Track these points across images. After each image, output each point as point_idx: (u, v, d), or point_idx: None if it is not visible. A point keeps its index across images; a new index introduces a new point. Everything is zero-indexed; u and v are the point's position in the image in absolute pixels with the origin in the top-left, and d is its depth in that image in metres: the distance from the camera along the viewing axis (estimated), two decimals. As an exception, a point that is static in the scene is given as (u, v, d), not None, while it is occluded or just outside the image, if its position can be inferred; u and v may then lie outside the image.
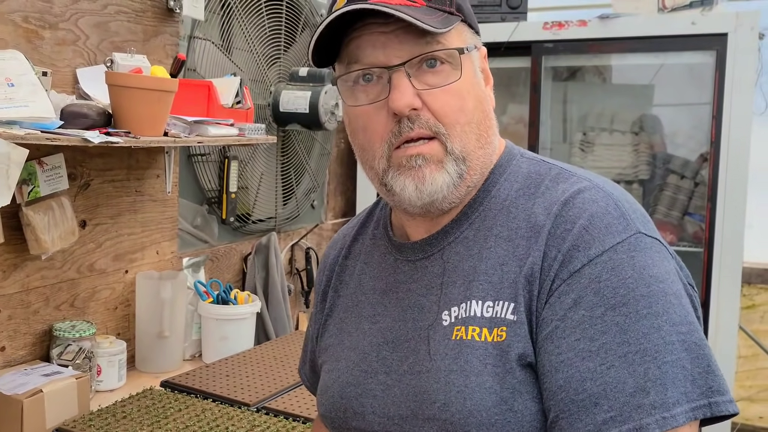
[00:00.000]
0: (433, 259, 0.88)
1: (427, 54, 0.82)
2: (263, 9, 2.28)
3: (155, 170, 1.91)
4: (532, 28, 2.58)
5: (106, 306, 1.81)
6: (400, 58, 0.81)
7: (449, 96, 0.83)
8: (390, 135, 0.83)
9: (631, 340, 0.72)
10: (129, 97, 1.48)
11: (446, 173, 0.83)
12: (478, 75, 0.88)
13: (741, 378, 3.23)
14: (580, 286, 0.75)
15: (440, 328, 0.84)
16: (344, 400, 0.91)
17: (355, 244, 1.02)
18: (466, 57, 0.84)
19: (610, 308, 0.74)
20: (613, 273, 0.75)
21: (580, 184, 0.83)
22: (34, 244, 1.54)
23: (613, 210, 0.79)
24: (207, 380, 1.69)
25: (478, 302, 0.81)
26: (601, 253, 0.76)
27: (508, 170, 0.89)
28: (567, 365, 0.74)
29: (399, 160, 0.84)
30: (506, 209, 0.85)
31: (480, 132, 0.86)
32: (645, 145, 2.82)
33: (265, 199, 2.40)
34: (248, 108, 1.93)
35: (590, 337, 0.74)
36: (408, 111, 0.81)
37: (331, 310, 1.00)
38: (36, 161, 1.52)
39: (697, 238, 2.62)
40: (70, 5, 1.63)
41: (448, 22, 0.82)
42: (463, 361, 0.80)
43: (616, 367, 0.72)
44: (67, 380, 1.46)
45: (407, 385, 0.84)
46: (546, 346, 0.76)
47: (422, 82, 0.82)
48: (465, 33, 0.87)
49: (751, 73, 2.30)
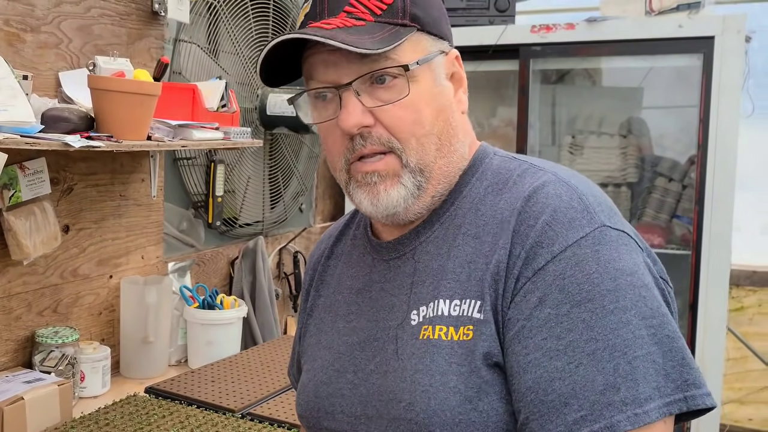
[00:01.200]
0: (404, 259, 0.89)
1: (373, 72, 0.81)
2: (250, 12, 2.27)
3: (140, 174, 1.90)
4: (520, 31, 2.58)
5: (90, 311, 1.79)
6: (348, 76, 0.82)
7: (403, 110, 0.83)
8: (345, 151, 0.84)
9: (598, 337, 0.71)
10: (111, 100, 1.47)
11: (402, 186, 0.83)
12: (441, 83, 0.87)
13: (730, 380, 3.24)
14: (545, 284, 0.74)
15: (408, 327, 0.84)
16: (318, 399, 0.91)
17: (337, 245, 1.03)
18: (421, 69, 0.83)
19: (575, 305, 0.73)
20: (577, 268, 0.74)
21: (545, 177, 0.82)
22: (16, 250, 1.52)
23: (577, 204, 0.78)
24: (192, 386, 1.67)
25: (446, 301, 0.81)
26: (565, 248, 0.75)
27: (480, 169, 0.89)
28: (535, 365, 0.73)
29: (356, 175, 0.85)
30: (475, 207, 0.85)
31: (441, 142, 0.85)
32: (633, 148, 2.82)
33: (252, 203, 2.39)
34: (234, 111, 1.92)
35: (557, 336, 0.73)
36: (356, 130, 0.82)
37: (312, 310, 1.01)
38: (17, 165, 1.50)
39: (685, 240, 2.62)
40: (53, 8, 1.61)
41: (396, 36, 0.81)
42: (429, 360, 0.79)
43: (585, 365, 0.71)
44: (49, 387, 1.44)
45: (373, 384, 0.85)
46: (513, 346, 0.75)
47: (374, 98, 0.82)
48: (423, 42, 0.85)
49: (737, 76, 2.31)
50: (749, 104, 2.78)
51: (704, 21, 2.36)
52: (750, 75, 2.61)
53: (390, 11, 0.83)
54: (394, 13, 0.83)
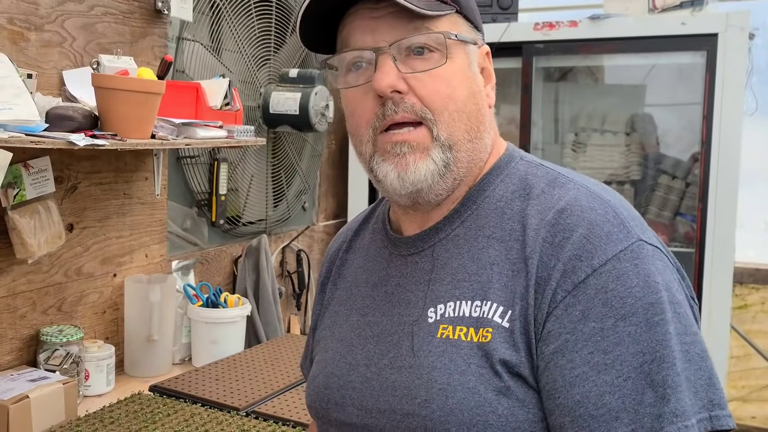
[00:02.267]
0: (423, 255, 0.88)
1: (412, 36, 0.81)
2: (252, 10, 2.27)
3: (144, 173, 1.90)
4: (523, 29, 2.58)
5: (94, 310, 1.79)
6: (387, 41, 0.82)
7: (438, 82, 0.82)
8: (374, 118, 0.83)
9: (645, 350, 0.72)
10: (115, 99, 1.47)
11: (431, 161, 0.82)
12: (474, 69, 0.87)
13: (733, 378, 3.23)
14: (587, 297, 0.74)
15: (425, 324, 0.83)
16: (327, 390, 0.91)
17: (356, 239, 1.03)
18: (457, 46, 0.84)
19: (620, 318, 0.73)
20: (618, 282, 0.74)
21: (576, 191, 0.81)
22: (20, 248, 1.52)
23: (612, 218, 0.78)
24: (196, 384, 1.67)
25: (467, 302, 0.81)
26: (605, 262, 0.74)
27: (505, 171, 0.88)
28: (582, 379, 0.73)
29: (384, 146, 0.83)
30: (500, 210, 0.84)
31: (470, 124, 0.85)
32: (636, 146, 2.82)
33: (255, 201, 2.39)
34: (237, 110, 1.92)
35: (604, 350, 0.72)
36: (390, 92, 0.81)
37: (328, 303, 1.01)
38: (22, 164, 1.50)
39: (689, 238, 2.62)
40: (56, 7, 1.61)
41: (439, 8, 0.82)
42: (447, 359, 0.79)
43: (633, 378, 0.71)
44: (54, 386, 1.45)
45: (386, 379, 0.84)
46: (557, 360, 0.74)
47: (409, 66, 0.82)
48: (460, 25, 0.86)
49: (741, 73, 2.30)
50: (753, 101, 2.77)
51: (707, 18, 2.35)
52: (753, 72, 2.61)
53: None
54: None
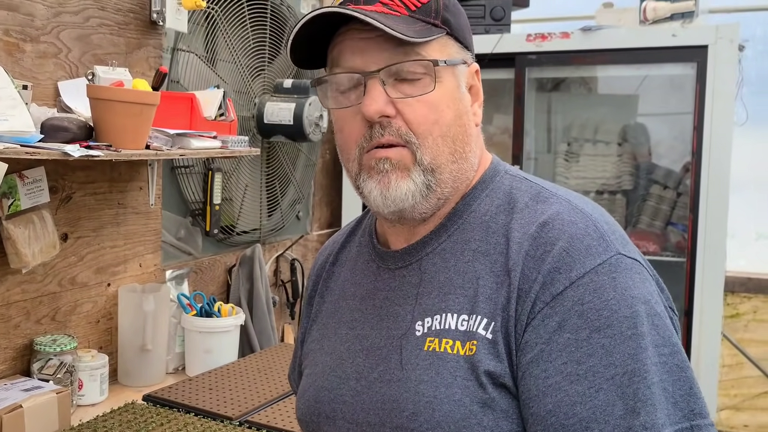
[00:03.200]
0: (411, 269, 0.89)
1: (402, 63, 0.82)
2: (247, 21, 2.28)
3: (138, 182, 1.90)
4: (515, 40, 2.60)
5: (88, 319, 1.79)
6: (376, 64, 0.83)
7: (425, 107, 0.83)
8: (362, 139, 0.85)
9: (617, 362, 0.73)
10: (110, 110, 1.48)
11: (411, 182, 0.84)
12: (462, 90, 0.88)
13: (726, 387, 3.25)
14: (564, 309, 0.75)
15: (413, 338, 0.84)
16: (318, 404, 0.92)
17: (342, 252, 1.04)
18: (445, 70, 0.85)
19: (594, 330, 0.74)
20: (595, 295, 0.75)
21: (559, 205, 0.83)
22: (15, 258, 1.53)
23: (593, 231, 0.79)
24: (190, 394, 1.68)
25: (454, 315, 0.82)
26: (583, 275, 0.76)
27: (490, 186, 0.90)
28: (555, 389, 0.74)
29: (368, 162, 0.85)
30: (485, 224, 0.86)
31: (455, 146, 0.86)
32: (628, 156, 2.84)
33: (249, 211, 2.40)
34: (231, 120, 1.93)
35: (577, 360, 0.74)
36: (378, 117, 0.82)
37: (316, 316, 1.02)
38: (17, 174, 1.51)
39: (680, 247, 2.63)
40: (52, 18, 1.62)
41: (428, 33, 0.83)
42: (434, 372, 0.80)
43: (605, 389, 0.72)
44: (48, 395, 1.45)
45: (376, 392, 0.85)
46: (532, 369, 0.76)
47: (398, 91, 0.83)
48: (450, 47, 0.87)
49: (731, 84, 2.33)
50: (743, 112, 2.80)
51: (698, 30, 2.38)
52: (744, 83, 2.63)
53: (424, 9, 0.84)
54: (428, 13, 0.84)
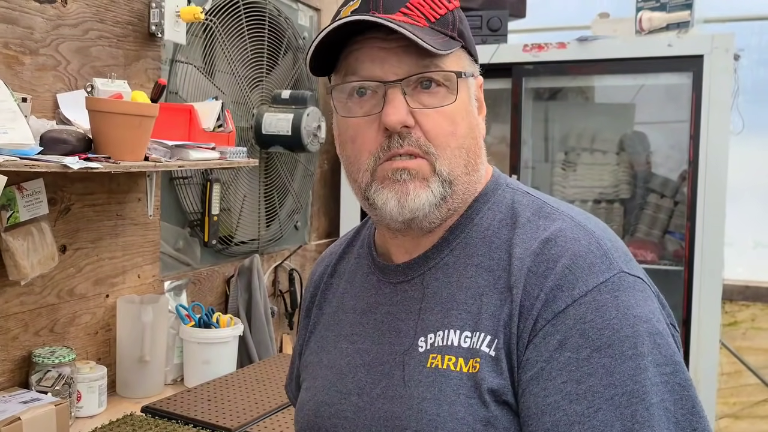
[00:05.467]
0: (413, 283, 0.89)
1: (424, 73, 0.82)
2: (245, 32, 2.29)
3: (137, 194, 1.91)
4: (512, 51, 2.62)
5: (86, 331, 1.79)
6: (397, 74, 0.82)
7: (443, 118, 0.83)
8: (379, 149, 0.83)
9: (617, 382, 0.72)
10: (109, 122, 1.48)
11: (430, 192, 0.83)
12: (473, 103, 0.89)
13: (725, 395, 3.24)
14: (565, 327, 0.75)
15: (416, 354, 0.84)
16: (318, 419, 0.91)
17: (340, 263, 1.03)
18: (462, 82, 0.85)
19: (595, 350, 0.74)
20: (597, 314, 0.75)
21: (562, 221, 0.83)
22: (14, 270, 1.53)
23: (596, 249, 0.79)
24: (188, 405, 1.68)
25: (456, 332, 0.81)
26: (586, 293, 0.76)
27: (492, 199, 0.89)
28: (554, 408, 0.74)
29: (384, 173, 0.83)
30: (488, 239, 0.85)
31: (469, 158, 0.86)
32: (625, 165, 2.85)
33: (247, 221, 2.40)
34: (230, 131, 1.94)
35: (577, 380, 0.73)
36: (400, 127, 0.82)
37: (314, 328, 1.01)
38: (15, 187, 1.52)
39: (678, 256, 2.64)
40: (51, 31, 1.63)
41: (449, 45, 0.83)
42: (437, 389, 0.80)
43: (604, 410, 0.72)
44: (46, 407, 1.44)
45: (379, 409, 0.85)
46: (531, 387, 0.76)
47: (417, 101, 0.83)
48: (464, 60, 0.88)
49: (726, 93, 2.34)
50: (739, 121, 2.81)
51: (693, 40, 2.40)
52: (740, 92, 2.65)
53: (442, 21, 0.85)
54: (446, 25, 0.85)
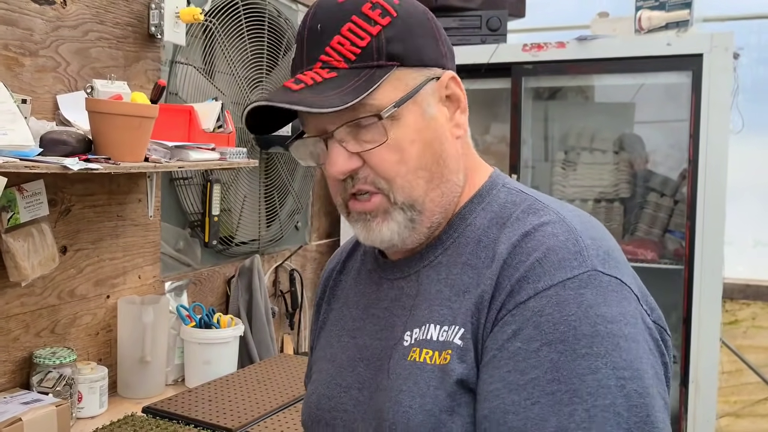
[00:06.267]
0: (409, 280, 0.90)
1: (350, 121, 0.82)
2: (245, 33, 2.30)
3: (137, 195, 1.91)
4: (511, 50, 2.62)
5: (87, 332, 1.80)
6: (333, 124, 0.83)
7: (386, 151, 0.83)
8: (341, 190, 0.88)
9: (562, 379, 0.71)
10: (109, 123, 1.49)
11: (393, 222, 0.85)
12: (431, 112, 0.85)
13: (726, 393, 3.24)
14: (522, 318, 0.75)
15: (400, 348, 0.86)
16: (319, 411, 0.94)
17: (349, 260, 1.05)
18: (405, 107, 0.83)
19: (546, 343, 0.73)
20: (557, 308, 0.73)
21: (547, 216, 0.82)
22: (14, 271, 1.53)
23: (572, 245, 0.77)
24: (189, 405, 1.68)
25: (436, 326, 0.83)
26: (549, 287, 0.75)
27: (486, 199, 0.89)
28: (494, 395, 0.74)
29: (352, 210, 0.88)
30: (477, 239, 0.86)
31: (431, 174, 0.85)
32: (625, 164, 2.85)
33: (248, 222, 2.40)
34: (230, 132, 1.94)
35: (521, 370, 0.73)
36: (342, 176, 0.85)
37: (323, 323, 1.04)
38: (16, 188, 1.52)
39: (678, 255, 2.64)
40: (51, 32, 1.64)
41: (371, 81, 0.80)
42: (412, 382, 0.81)
43: (542, 403, 0.71)
44: (47, 408, 1.45)
45: (375, 402, 0.86)
46: (481, 374, 0.77)
47: (359, 142, 0.83)
48: (405, 78, 0.83)
49: (726, 92, 2.34)
50: (739, 120, 2.81)
51: (692, 39, 2.39)
52: (739, 91, 2.64)
53: (364, 55, 0.81)
54: (369, 56, 0.82)
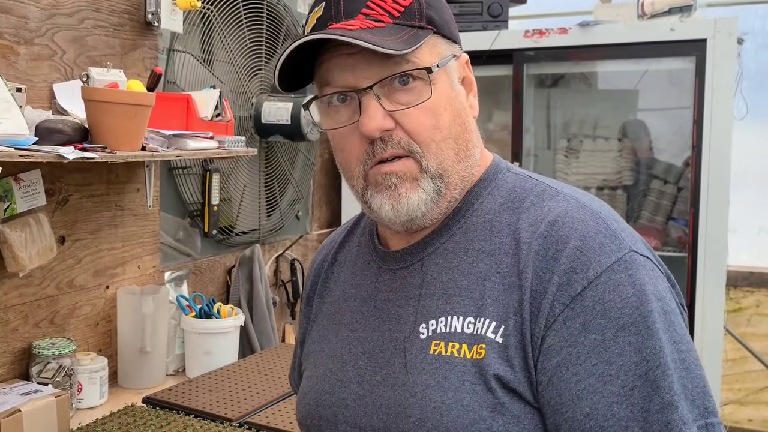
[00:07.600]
0: (412, 269, 0.88)
1: (394, 75, 0.81)
2: (243, 21, 2.27)
3: (135, 184, 1.90)
4: (513, 37, 2.59)
5: (86, 322, 1.79)
6: (368, 79, 0.81)
7: (422, 114, 0.82)
8: (365, 156, 0.83)
9: (648, 357, 0.73)
10: (105, 112, 1.47)
11: (422, 191, 0.82)
12: (456, 87, 0.86)
13: (729, 381, 3.24)
14: (585, 309, 0.74)
15: (417, 341, 0.83)
16: (319, 407, 0.91)
17: (341, 251, 1.02)
18: (439, 72, 0.83)
19: (620, 329, 0.73)
20: (615, 293, 0.74)
21: (567, 203, 0.82)
22: (12, 262, 1.52)
23: (604, 229, 0.78)
24: (190, 396, 1.67)
25: (459, 318, 0.80)
26: (600, 273, 0.75)
27: (492, 184, 0.88)
28: (590, 392, 0.73)
29: (375, 178, 0.83)
30: (489, 223, 0.84)
31: (458, 146, 0.84)
32: (628, 151, 2.83)
33: (248, 211, 2.39)
34: (228, 120, 1.93)
35: (607, 361, 0.73)
36: (378, 134, 0.81)
37: (315, 317, 1.01)
38: (12, 178, 1.51)
39: (682, 242, 2.62)
40: (46, 20, 1.62)
41: (417, 38, 0.81)
42: (441, 377, 0.79)
43: (639, 386, 0.72)
44: (47, 399, 1.44)
45: (380, 396, 0.84)
46: (561, 374, 0.75)
47: (394, 102, 0.81)
48: (439, 46, 0.84)
49: (730, 78, 2.32)
50: (743, 106, 2.78)
51: (696, 24, 2.37)
52: (743, 77, 2.62)
53: (407, 13, 0.82)
54: (412, 16, 0.82)
